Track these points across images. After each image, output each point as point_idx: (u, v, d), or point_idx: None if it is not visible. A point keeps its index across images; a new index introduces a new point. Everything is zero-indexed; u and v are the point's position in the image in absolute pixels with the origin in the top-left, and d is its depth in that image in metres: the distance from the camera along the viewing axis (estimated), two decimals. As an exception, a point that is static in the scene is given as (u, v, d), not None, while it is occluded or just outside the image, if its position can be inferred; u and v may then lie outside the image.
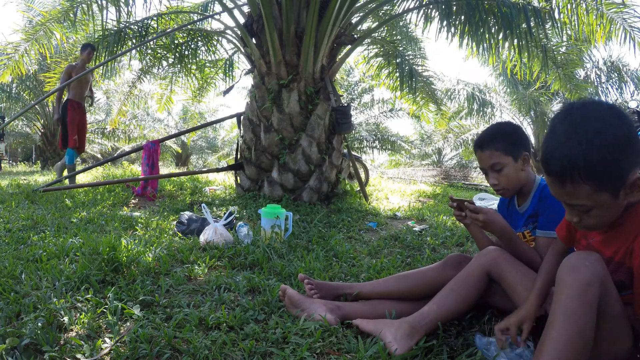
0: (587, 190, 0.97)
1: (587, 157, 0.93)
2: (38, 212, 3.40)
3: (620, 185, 0.96)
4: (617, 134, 0.93)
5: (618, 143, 0.93)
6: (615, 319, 1.04)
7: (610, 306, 1.02)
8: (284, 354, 1.24)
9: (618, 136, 0.93)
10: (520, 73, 6.04)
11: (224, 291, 1.75)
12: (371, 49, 7.17)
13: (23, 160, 19.66)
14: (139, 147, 5.42)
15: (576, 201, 1.01)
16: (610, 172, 0.95)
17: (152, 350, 1.23)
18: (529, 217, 1.57)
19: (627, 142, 0.93)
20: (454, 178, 15.15)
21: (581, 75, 11.37)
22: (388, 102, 14.84)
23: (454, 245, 2.92)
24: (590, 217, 1.03)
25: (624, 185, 0.96)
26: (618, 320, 1.04)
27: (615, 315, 1.03)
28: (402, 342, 1.26)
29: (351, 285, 1.66)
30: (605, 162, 0.93)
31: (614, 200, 0.98)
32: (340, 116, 4.61)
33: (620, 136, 0.93)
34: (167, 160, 25.31)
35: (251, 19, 4.80)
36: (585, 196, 0.98)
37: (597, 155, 0.93)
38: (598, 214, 1.02)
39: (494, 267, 1.39)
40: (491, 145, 1.54)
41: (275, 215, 2.65)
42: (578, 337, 0.96)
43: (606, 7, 4.97)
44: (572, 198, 1.01)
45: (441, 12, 5.10)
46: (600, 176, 0.95)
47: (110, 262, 1.88)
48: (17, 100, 12.75)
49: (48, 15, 6.02)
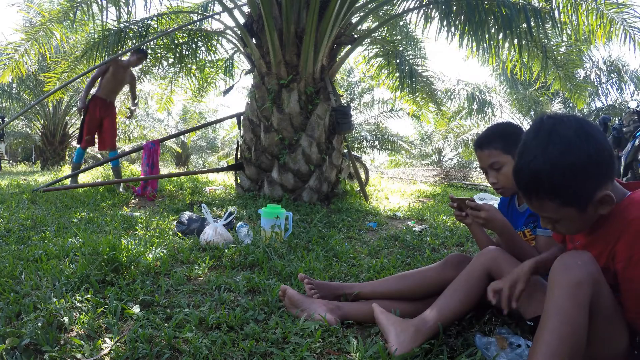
0: (552, 206, 1.01)
1: (550, 177, 0.97)
2: (38, 212, 3.40)
3: (587, 201, 0.99)
4: (581, 156, 0.95)
5: (582, 165, 0.95)
6: (609, 318, 1.03)
7: (603, 305, 1.02)
8: (284, 354, 1.24)
9: (582, 158, 0.95)
10: (520, 73, 6.04)
11: (224, 291, 1.75)
12: (371, 49, 7.17)
13: (23, 160, 19.66)
14: (139, 147, 5.39)
15: (544, 213, 1.06)
16: (574, 190, 0.98)
17: (152, 350, 1.23)
18: (529, 216, 1.57)
19: (592, 163, 0.96)
20: (454, 178, 15.14)
21: (581, 75, 11.38)
22: (388, 102, 14.85)
23: (454, 245, 2.92)
24: (561, 226, 1.08)
25: (591, 201, 0.99)
26: (612, 319, 1.04)
27: (609, 314, 1.03)
28: (404, 344, 1.26)
29: (351, 286, 1.66)
30: (569, 182, 0.96)
31: (581, 213, 1.02)
32: (340, 116, 4.61)
33: (584, 158, 0.95)
34: (167, 160, 25.31)
35: (251, 19, 4.80)
36: (551, 210, 1.03)
37: (561, 176, 0.96)
38: (567, 225, 1.07)
39: (494, 267, 1.39)
40: (490, 145, 1.56)
41: (275, 215, 2.65)
42: (570, 337, 0.96)
43: (606, 7, 4.97)
44: (539, 211, 1.06)
45: (441, 12, 5.09)
46: (564, 194, 0.98)
47: (110, 262, 1.88)
48: (17, 100, 12.75)
49: (48, 15, 6.02)
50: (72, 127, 14.27)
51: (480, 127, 14.47)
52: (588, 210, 1.01)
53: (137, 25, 6.17)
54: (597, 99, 12.28)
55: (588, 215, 1.03)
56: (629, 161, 4.41)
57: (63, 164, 11.89)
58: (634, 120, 4.71)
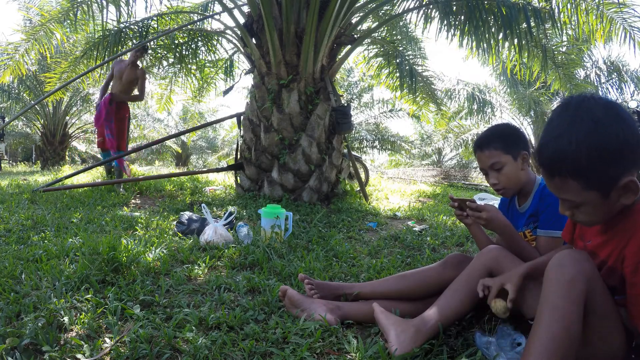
0: (575, 187, 0.96)
1: (575, 157, 0.92)
2: (38, 212, 3.40)
3: (611, 186, 0.94)
4: (610, 137, 0.90)
5: (608, 146, 0.90)
6: (605, 316, 1.03)
7: (599, 303, 1.01)
8: (284, 354, 1.24)
9: (609, 139, 0.90)
10: (520, 73, 6.04)
11: (224, 291, 1.75)
12: (371, 49, 7.17)
13: (23, 160, 19.67)
14: (139, 147, 5.39)
15: (565, 195, 1.00)
16: (599, 173, 0.93)
17: (152, 350, 1.23)
18: (529, 217, 1.57)
19: (619, 145, 0.90)
20: (454, 178, 15.15)
21: (581, 75, 11.37)
22: (388, 102, 14.85)
23: (454, 245, 2.92)
24: (581, 213, 1.02)
25: (615, 187, 0.94)
26: (608, 317, 1.03)
27: (604, 312, 1.02)
28: (404, 344, 1.25)
29: (351, 286, 1.66)
30: (594, 163, 0.91)
31: (604, 200, 0.96)
32: (340, 116, 4.61)
33: (612, 139, 0.90)
34: (167, 160, 25.33)
35: (251, 19, 4.80)
36: (573, 192, 0.97)
37: (586, 156, 0.91)
38: (587, 211, 1.01)
39: (495, 266, 1.39)
40: (490, 145, 1.56)
41: (275, 215, 2.65)
42: (564, 334, 0.95)
43: (606, 7, 4.97)
44: (560, 192, 1.01)
45: (441, 12, 5.10)
46: (588, 175, 0.93)
47: (110, 262, 1.88)
48: (17, 100, 12.76)
49: (48, 16, 6.02)
50: (72, 127, 14.28)
51: (480, 127, 14.47)
52: (611, 197, 0.95)
53: (137, 25, 6.17)
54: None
55: (610, 203, 0.96)
56: (629, 161, 4.41)
57: (63, 164, 11.88)
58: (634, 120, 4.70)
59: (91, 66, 6.29)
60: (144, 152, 22.02)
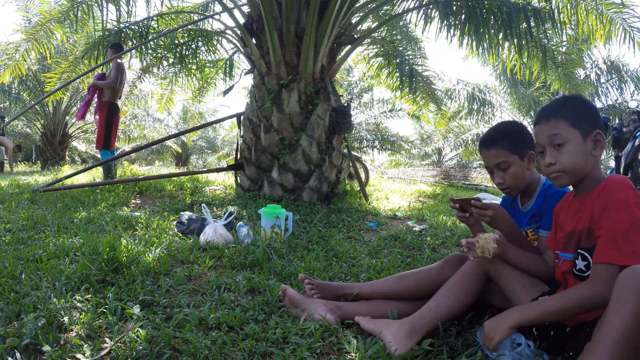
0: (565, 125, 1.20)
1: (569, 104, 1.24)
2: (38, 212, 3.40)
3: (589, 131, 1.19)
4: (591, 104, 1.28)
5: (591, 105, 1.27)
6: None
7: None
8: (284, 354, 1.24)
9: (592, 104, 1.29)
10: (520, 73, 6.05)
11: (224, 291, 1.75)
12: (371, 49, 7.17)
13: (23, 160, 19.66)
14: (139, 147, 5.45)
15: (555, 130, 1.21)
16: (582, 117, 1.21)
17: (152, 350, 1.23)
18: (532, 217, 1.57)
19: (594, 109, 1.27)
20: (454, 178, 15.15)
21: (581, 75, 11.37)
22: (388, 102, 14.86)
23: (454, 245, 2.92)
24: (564, 153, 1.20)
25: (591, 134, 1.19)
26: None
27: None
28: (402, 343, 1.26)
29: (352, 286, 1.66)
30: (579, 111, 1.23)
31: (583, 141, 1.19)
32: (340, 116, 4.61)
33: (593, 105, 1.29)
34: (167, 160, 25.32)
35: (251, 19, 4.80)
36: (563, 129, 1.20)
37: (581, 104, 1.25)
38: (570, 150, 1.19)
39: (491, 267, 1.39)
40: (497, 144, 1.53)
41: (275, 215, 2.65)
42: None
43: (606, 7, 4.97)
44: (552, 129, 1.22)
45: (441, 12, 5.10)
46: (576, 117, 1.21)
47: (110, 262, 1.88)
48: (17, 100, 12.76)
49: (48, 15, 6.02)
50: (72, 127, 14.28)
51: (480, 127, 14.47)
52: (587, 143, 1.19)
53: (138, 25, 6.17)
54: (597, 99, 12.28)
55: (586, 150, 1.19)
56: (629, 161, 4.40)
57: (63, 164, 11.88)
58: (634, 120, 4.69)
59: (91, 66, 6.29)
60: (144, 152, 22.01)
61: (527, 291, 1.33)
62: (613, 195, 1.12)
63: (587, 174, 1.22)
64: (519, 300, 1.33)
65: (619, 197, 1.10)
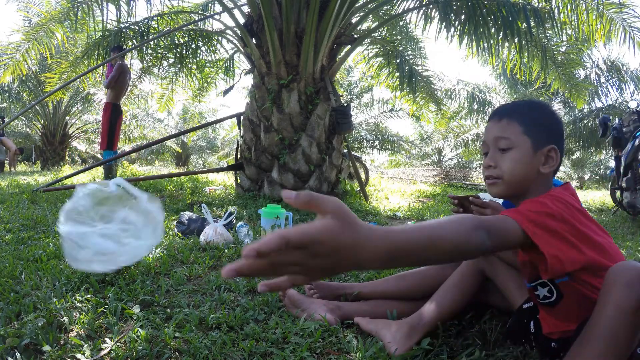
0: (517, 129, 1.09)
1: (527, 111, 1.13)
2: (38, 212, 3.40)
3: (541, 143, 1.08)
4: (553, 113, 1.16)
5: (554, 117, 1.15)
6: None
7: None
8: (284, 354, 1.24)
9: (553, 114, 1.16)
10: (520, 73, 6.04)
11: (224, 291, 1.75)
12: (371, 49, 7.17)
13: (23, 160, 19.66)
14: (139, 147, 5.48)
15: (504, 134, 1.10)
16: (538, 127, 1.09)
17: (152, 350, 1.23)
18: None
19: (557, 120, 1.15)
20: (454, 178, 15.15)
21: (581, 75, 11.36)
22: (388, 102, 14.86)
23: (454, 245, 2.91)
24: (507, 159, 1.09)
25: (543, 147, 1.08)
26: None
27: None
28: (402, 343, 1.26)
29: (352, 286, 1.66)
30: (538, 119, 1.11)
31: (533, 152, 1.07)
32: (340, 116, 4.61)
33: (554, 115, 1.16)
34: (167, 160, 25.33)
35: (251, 19, 4.80)
36: (513, 132, 1.09)
37: (535, 113, 1.12)
38: (514, 158, 1.08)
39: (487, 266, 1.39)
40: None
41: (275, 216, 2.65)
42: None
43: (606, 7, 4.97)
44: (502, 132, 1.10)
45: (441, 12, 5.10)
46: (530, 124, 1.10)
47: (110, 262, 1.88)
48: (17, 100, 12.76)
49: (49, 16, 6.02)
50: (72, 127, 14.28)
51: (480, 127, 14.47)
52: (537, 155, 1.07)
53: (138, 25, 6.17)
54: (597, 98, 12.28)
55: (534, 162, 1.07)
56: (629, 161, 4.40)
57: (63, 164, 11.88)
58: (633, 120, 4.70)
59: (91, 66, 6.30)
60: (144, 152, 22.02)
61: (521, 292, 1.33)
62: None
63: (527, 189, 1.09)
64: (514, 300, 1.34)
65: (539, 198, 1.00)
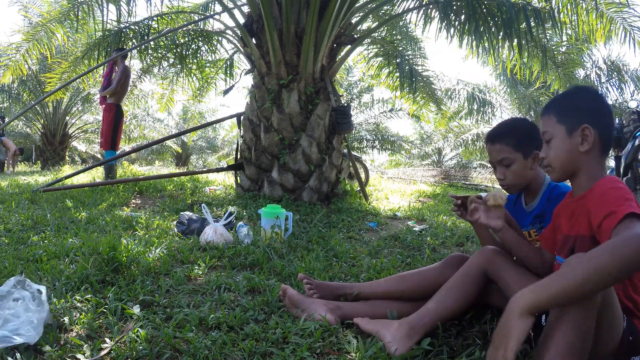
0: (552, 120, 1.21)
1: (563, 100, 1.24)
2: (38, 212, 3.40)
3: (574, 125, 1.18)
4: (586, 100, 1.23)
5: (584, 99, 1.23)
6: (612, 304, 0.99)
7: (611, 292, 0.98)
8: (284, 354, 1.24)
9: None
10: (520, 73, 6.04)
11: (224, 291, 1.75)
12: (371, 49, 7.17)
13: (23, 160, 19.64)
14: (139, 147, 5.49)
15: (545, 128, 1.24)
16: (568, 113, 1.20)
17: (152, 350, 1.23)
18: (535, 217, 1.57)
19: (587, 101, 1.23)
20: (454, 178, 15.15)
21: (581, 75, 11.36)
22: (388, 102, 14.84)
23: (454, 245, 2.92)
24: (550, 148, 1.22)
25: (577, 128, 1.17)
26: (613, 304, 1.00)
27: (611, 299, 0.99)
28: (401, 343, 1.26)
29: (351, 286, 1.66)
30: (566, 106, 1.22)
31: (568, 136, 1.18)
32: (340, 116, 4.61)
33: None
34: (167, 160, 25.32)
35: (251, 19, 4.80)
36: (550, 125, 1.22)
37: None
38: (556, 145, 1.21)
39: (490, 267, 1.39)
40: (502, 140, 1.53)
41: (275, 215, 2.65)
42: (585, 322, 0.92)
43: (606, 7, 4.97)
44: (542, 127, 1.26)
45: (441, 12, 5.09)
46: (561, 112, 1.21)
47: (110, 262, 1.88)
48: (17, 100, 12.75)
49: (49, 16, 6.02)
50: (72, 127, 14.28)
51: (480, 127, 14.47)
52: (573, 136, 1.17)
53: (138, 25, 6.17)
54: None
55: (573, 144, 1.17)
56: (629, 161, 4.40)
57: (63, 164, 11.88)
58: (634, 120, 4.69)
59: (91, 66, 6.30)
60: (144, 152, 22.01)
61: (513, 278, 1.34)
62: (603, 190, 1.09)
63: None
64: (509, 291, 1.34)
65: (609, 186, 1.08)
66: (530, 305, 0.89)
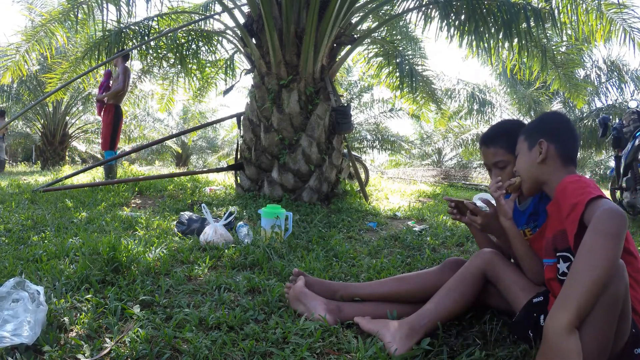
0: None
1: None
2: (38, 212, 3.40)
3: (534, 142, 1.33)
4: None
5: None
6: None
7: None
8: (284, 354, 1.24)
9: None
10: (520, 73, 6.04)
11: (224, 291, 1.75)
12: (371, 48, 7.17)
13: (23, 160, 19.66)
14: (139, 147, 5.50)
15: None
16: (529, 135, 1.36)
17: (152, 350, 1.23)
18: (530, 215, 1.57)
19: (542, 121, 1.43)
20: (454, 178, 15.14)
21: (581, 75, 11.36)
22: (388, 101, 14.84)
23: (454, 245, 2.92)
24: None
25: (535, 144, 1.32)
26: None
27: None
28: (401, 343, 1.26)
29: (350, 285, 1.66)
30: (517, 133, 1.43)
31: (529, 151, 1.34)
32: (340, 116, 4.61)
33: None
34: (167, 160, 25.32)
35: (251, 19, 4.80)
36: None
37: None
38: (520, 161, 1.38)
39: (489, 269, 1.39)
40: (496, 143, 1.55)
41: (275, 215, 2.65)
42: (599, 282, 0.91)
43: (606, 7, 4.97)
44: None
45: (441, 12, 5.09)
46: (527, 135, 1.37)
47: (110, 262, 1.88)
48: (17, 100, 12.76)
49: (49, 16, 6.02)
50: (72, 127, 14.28)
51: (480, 127, 14.47)
52: (531, 152, 1.34)
53: (138, 25, 6.17)
54: (597, 98, 12.27)
55: (532, 157, 1.33)
56: (629, 161, 4.40)
57: (63, 164, 11.88)
58: (634, 120, 4.69)
59: (91, 66, 6.30)
60: (144, 152, 22.01)
61: (526, 293, 1.33)
62: (563, 186, 1.17)
63: (545, 180, 1.35)
64: (518, 301, 1.34)
65: (568, 181, 1.17)
66: (570, 322, 0.91)
